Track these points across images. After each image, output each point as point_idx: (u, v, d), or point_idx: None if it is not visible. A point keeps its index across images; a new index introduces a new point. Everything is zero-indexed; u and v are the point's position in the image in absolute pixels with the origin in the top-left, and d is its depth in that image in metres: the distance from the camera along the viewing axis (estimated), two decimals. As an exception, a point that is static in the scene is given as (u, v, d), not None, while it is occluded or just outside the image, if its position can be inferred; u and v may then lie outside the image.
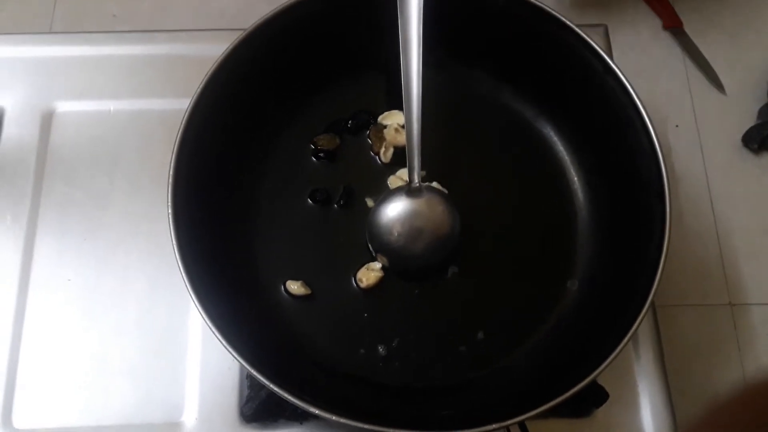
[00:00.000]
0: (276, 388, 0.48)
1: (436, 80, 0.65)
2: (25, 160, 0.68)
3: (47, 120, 0.69)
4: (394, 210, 0.59)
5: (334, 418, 0.47)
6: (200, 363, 0.61)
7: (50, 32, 0.78)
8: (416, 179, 0.59)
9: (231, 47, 0.57)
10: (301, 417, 0.59)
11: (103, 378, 0.61)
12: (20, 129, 0.69)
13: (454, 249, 0.60)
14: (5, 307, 0.63)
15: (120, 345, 0.62)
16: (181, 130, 0.55)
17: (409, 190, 0.59)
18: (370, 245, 0.61)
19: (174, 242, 0.52)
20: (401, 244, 0.59)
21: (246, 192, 0.62)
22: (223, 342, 0.49)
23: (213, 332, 0.49)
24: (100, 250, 0.65)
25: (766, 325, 0.69)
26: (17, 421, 0.60)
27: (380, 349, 0.59)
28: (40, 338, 0.62)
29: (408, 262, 0.60)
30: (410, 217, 0.59)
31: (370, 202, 0.63)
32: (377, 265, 0.60)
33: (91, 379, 0.61)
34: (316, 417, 0.58)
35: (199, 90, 0.56)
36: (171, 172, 0.54)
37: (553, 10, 0.59)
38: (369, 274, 0.60)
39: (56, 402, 0.60)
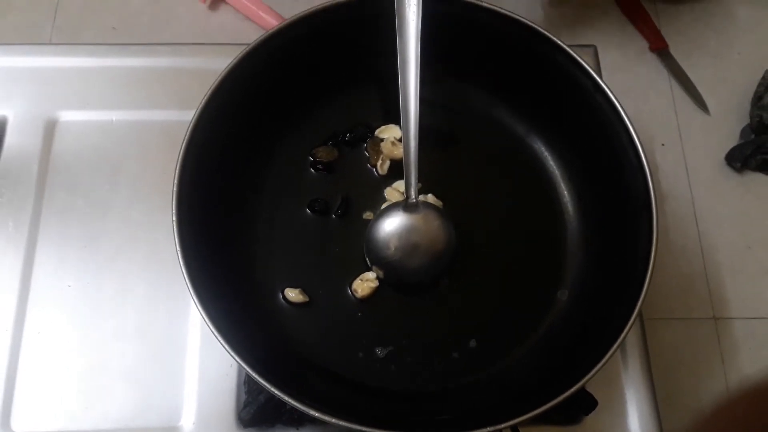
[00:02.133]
0: (275, 390, 0.49)
1: (431, 95, 0.67)
2: (28, 168, 0.69)
3: (50, 129, 0.70)
4: (391, 225, 0.61)
5: (333, 420, 0.48)
6: (198, 368, 0.62)
7: (53, 43, 0.79)
8: (413, 195, 0.60)
9: (235, 61, 0.59)
10: (298, 422, 0.60)
11: (101, 382, 0.62)
12: (23, 138, 0.70)
13: (449, 263, 0.62)
14: (6, 312, 0.63)
15: (119, 350, 0.63)
16: (185, 141, 0.56)
17: (406, 205, 0.61)
18: (367, 258, 0.62)
19: (178, 248, 0.53)
20: (397, 258, 0.60)
21: (247, 201, 0.63)
22: (224, 344, 0.50)
23: (214, 334, 0.50)
24: (101, 257, 0.66)
25: (749, 338, 0.71)
26: (16, 425, 0.60)
27: (378, 351, 0.60)
28: (39, 343, 0.63)
29: (403, 275, 0.62)
30: (407, 232, 0.60)
31: (367, 214, 0.64)
32: (371, 275, 0.62)
33: (90, 384, 0.62)
34: (312, 421, 0.60)
35: (203, 102, 0.57)
36: (175, 181, 0.55)
37: (546, 30, 0.61)
38: (363, 284, 0.61)
39: (55, 406, 0.61)
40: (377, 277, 0.62)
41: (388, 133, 0.67)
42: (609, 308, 0.57)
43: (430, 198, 0.64)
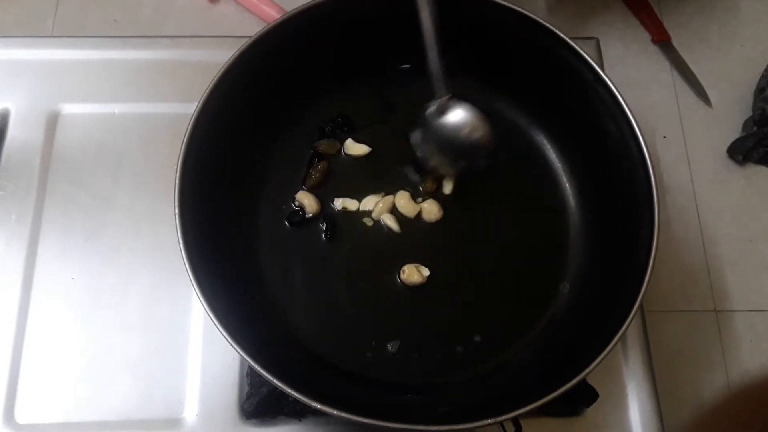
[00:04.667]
0: (277, 381, 0.49)
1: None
2: (30, 160, 0.69)
3: (52, 122, 0.70)
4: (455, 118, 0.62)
5: (335, 412, 0.48)
6: (201, 360, 0.62)
7: (55, 36, 0.79)
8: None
9: (237, 53, 0.59)
10: (300, 413, 0.60)
11: (105, 374, 0.62)
12: (26, 130, 0.70)
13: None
14: (9, 305, 0.64)
15: (122, 342, 0.63)
16: (188, 132, 0.56)
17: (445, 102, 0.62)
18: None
19: (180, 241, 0.53)
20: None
21: (249, 192, 0.64)
22: (225, 334, 0.50)
23: (215, 325, 0.51)
24: (103, 250, 0.66)
25: (750, 331, 0.71)
26: (19, 416, 0.61)
27: (389, 346, 0.60)
28: (43, 335, 0.63)
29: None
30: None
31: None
32: (426, 271, 0.62)
33: (93, 376, 0.62)
34: (314, 413, 0.60)
35: (205, 94, 0.57)
36: (177, 173, 0.55)
37: (548, 23, 0.61)
38: (414, 272, 0.62)
39: (58, 397, 0.61)
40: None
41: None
42: (610, 301, 0.57)
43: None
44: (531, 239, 0.65)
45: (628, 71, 0.81)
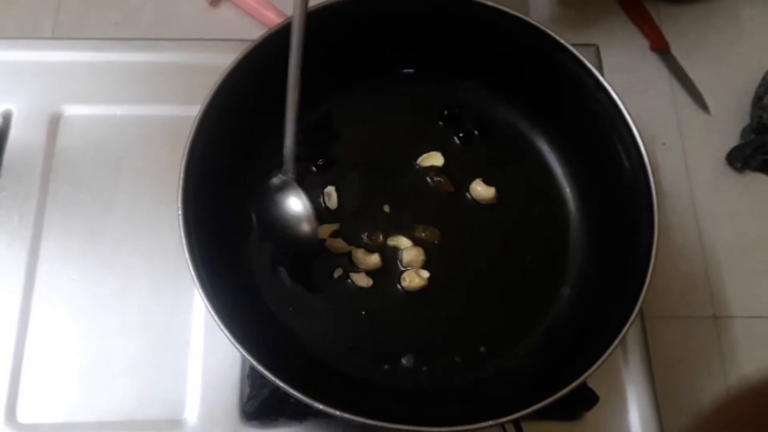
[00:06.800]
0: (280, 383, 0.49)
1: (434, 94, 0.68)
2: (32, 161, 0.69)
3: (54, 123, 0.70)
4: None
5: (337, 413, 0.48)
6: (202, 361, 0.62)
7: (56, 38, 0.79)
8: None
9: (241, 56, 0.59)
10: (301, 416, 0.60)
11: (106, 375, 0.62)
12: (28, 131, 0.70)
13: None
14: (11, 305, 0.64)
15: (123, 343, 0.63)
16: (191, 136, 0.56)
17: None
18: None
19: (183, 241, 0.53)
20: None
21: (251, 194, 0.63)
22: (227, 333, 0.50)
23: (217, 323, 0.50)
24: (105, 251, 0.66)
25: (748, 337, 0.71)
26: (21, 416, 0.60)
27: (403, 360, 0.60)
28: (44, 335, 0.63)
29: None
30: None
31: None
32: (425, 273, 0.62)
33: (95, 376, 0.62)
34: (315, 415, 0.60)
35: (210, 95, 0.57)
36: (181, 175, 0.55)
37: (548, 29, 0.61)
38: (414, 277, 0.62)
39: (60, 398, 0.61)
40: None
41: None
42: (611, 304, 0.57)
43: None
44: (531, 243, 0.65)
45: (627, 78, 0.81)
